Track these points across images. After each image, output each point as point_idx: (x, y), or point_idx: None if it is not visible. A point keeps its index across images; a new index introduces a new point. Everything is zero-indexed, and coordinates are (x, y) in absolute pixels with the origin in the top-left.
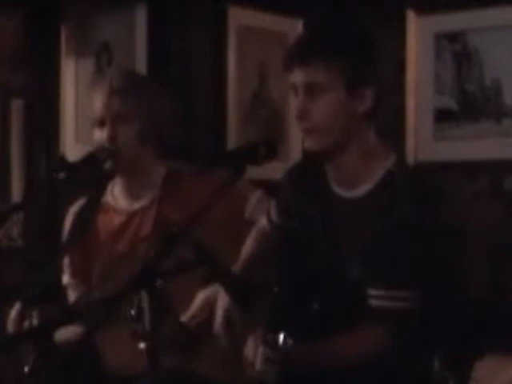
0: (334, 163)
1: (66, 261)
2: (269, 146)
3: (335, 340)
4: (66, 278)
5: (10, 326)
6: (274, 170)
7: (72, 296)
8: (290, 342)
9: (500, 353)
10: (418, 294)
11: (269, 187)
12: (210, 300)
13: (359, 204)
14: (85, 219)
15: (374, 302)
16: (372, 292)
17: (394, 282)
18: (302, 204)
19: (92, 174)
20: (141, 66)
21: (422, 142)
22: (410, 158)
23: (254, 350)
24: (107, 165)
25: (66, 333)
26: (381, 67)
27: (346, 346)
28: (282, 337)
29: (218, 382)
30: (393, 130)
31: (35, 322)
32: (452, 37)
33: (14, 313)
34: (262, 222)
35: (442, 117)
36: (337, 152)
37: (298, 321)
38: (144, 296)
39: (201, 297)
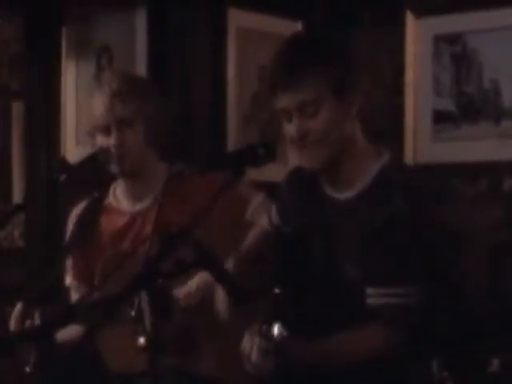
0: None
1: (69, 262)
2: (268, 148)
3: (335, 338)
4: (68, 279)
5: (12, 326)
6: (273, 172)
7: (74, 297)
8: (285, 332)
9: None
10: (416, 291)
11: (268, 189)
12: (207, 283)
13: (353, 204)
14: (87, 220)
15: (371, 301)
16: (369, 291)
17: (390, 279)
18: (299, 208)
19: (93, 175)
20: (141, 67)
21: (421, 143)
22: (409, 160)
23: (250, 344)
24: (112, 169)
25: (67, 333)
26: (361, 66)
27: (346, 344)
28: (276, 327)
29: (218, 382)
30: (392, 131)
31: (37, 321)
32: (451, 39)
33: (16, 312)
34: (264, 222)
35: (441, 118)
36: (334, 159)
37: (297, 322)
38: (144, 296)
39: (198, 278)
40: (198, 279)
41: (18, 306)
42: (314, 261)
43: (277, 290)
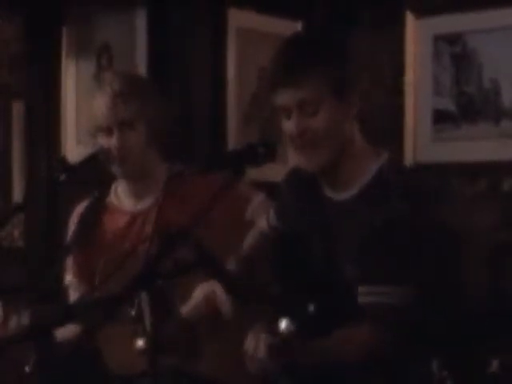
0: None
1: (70, 260)
2: (268, 148)
3: (331, 337)
4: (68, 277)
5: None
6: (273, 172)
7: (73, 295)
8: (292, 328)
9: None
10: (408, 291)
11: (268, 189)
12: (210, 295)
13: (352, 205)
14: (90, 219)
15: (361, 299)
16: (360, 289)
17: (377, 278)
18: (298, 208)
19: (93, 175)
20: (141, 66)
21: (421, 143)
22: (409, 160)
23: (254, 344)
24: (114, 170)
25: (66, 332)
26: (361, 66)
27: (338, 342)
28: (284, 322)
29: (219, 383)
30: (392, 131)
31: (25, 321)
32: (451, 39)
33: None
34: (262, 223)
35: (441, 118)
36: (334, 161)
37: (296, 322)
38: (144, 296)
39: (200, 291)
40: (199, 293)
41: None
42: (313, 261)
43: (275, 288)
